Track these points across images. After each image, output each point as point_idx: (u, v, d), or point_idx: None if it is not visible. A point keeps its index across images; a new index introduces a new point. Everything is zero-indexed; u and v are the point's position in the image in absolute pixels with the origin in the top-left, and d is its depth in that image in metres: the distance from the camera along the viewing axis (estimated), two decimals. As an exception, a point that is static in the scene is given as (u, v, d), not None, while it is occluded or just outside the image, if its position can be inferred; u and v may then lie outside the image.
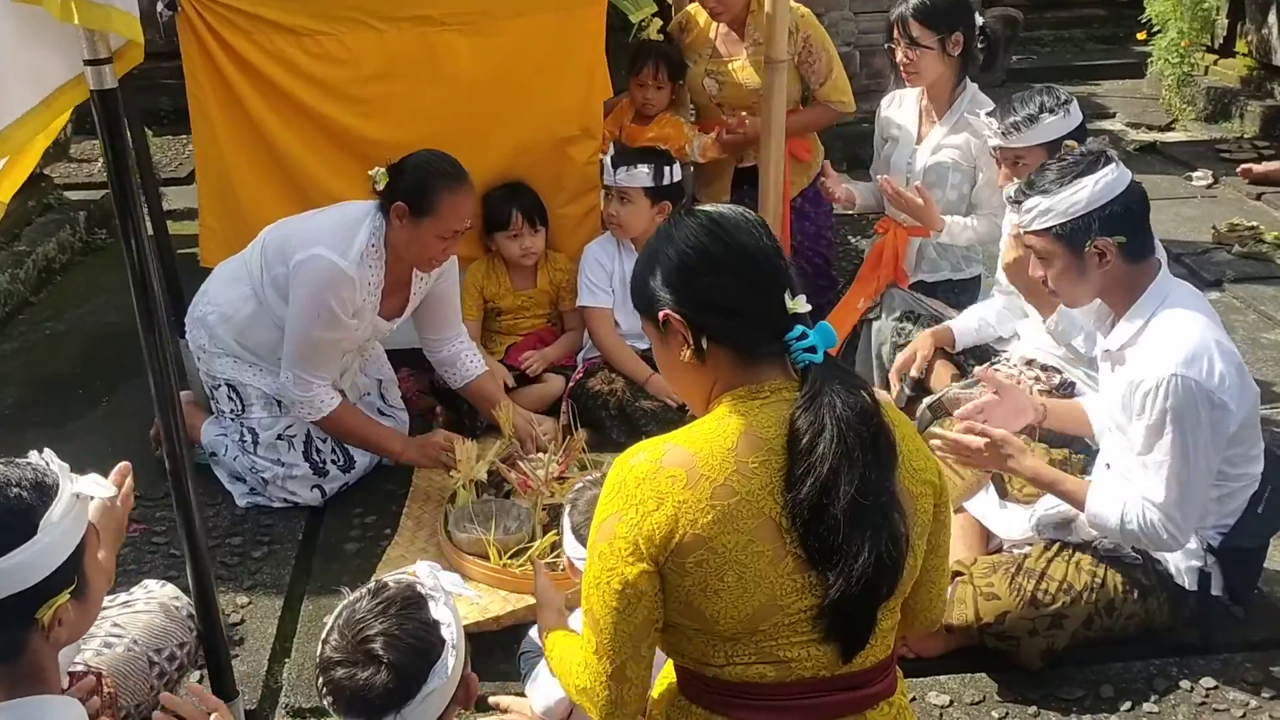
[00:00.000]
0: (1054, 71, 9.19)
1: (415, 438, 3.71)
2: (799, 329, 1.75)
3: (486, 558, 3.19)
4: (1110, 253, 2.65)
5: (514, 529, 3.26)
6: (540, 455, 3.48)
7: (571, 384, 4.05)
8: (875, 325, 4.09)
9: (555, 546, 3.19)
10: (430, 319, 3.78)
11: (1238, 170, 6.56)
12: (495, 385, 3.82)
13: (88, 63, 2.01)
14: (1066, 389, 3.49)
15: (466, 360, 3.80)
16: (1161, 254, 3.37)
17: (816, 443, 1.69)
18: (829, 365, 1.76)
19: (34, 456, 1.79)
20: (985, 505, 3.13)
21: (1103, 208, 2.64)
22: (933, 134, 4.16)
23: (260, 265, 3.53)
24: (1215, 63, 7.98)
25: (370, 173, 3.46)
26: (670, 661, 1.94)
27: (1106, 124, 7.92)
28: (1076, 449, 3.24)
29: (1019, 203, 2.77)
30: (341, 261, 3.35)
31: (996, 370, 3.57)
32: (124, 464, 2.26)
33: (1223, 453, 2.64)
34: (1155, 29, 7.77)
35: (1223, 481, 2.72)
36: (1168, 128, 7.70)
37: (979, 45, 4.11)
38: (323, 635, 1.97)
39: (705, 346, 1.80)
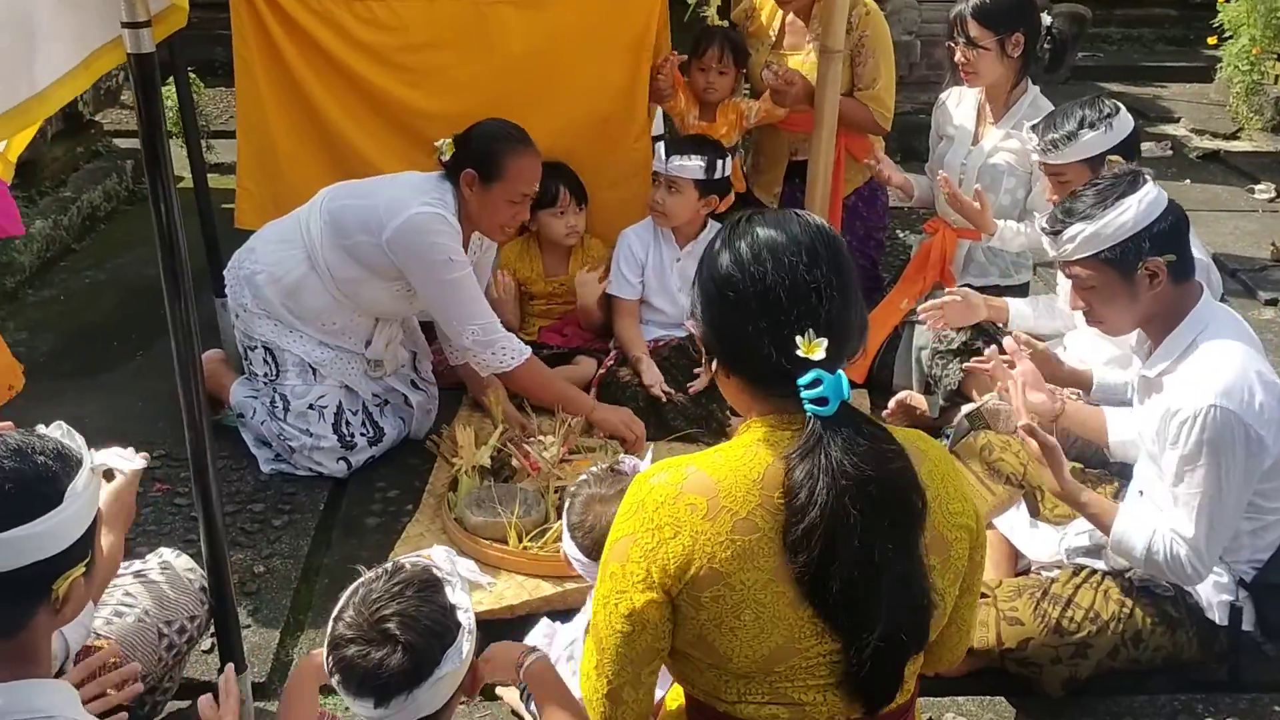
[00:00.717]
0: (1120, 71, 9.01)
1: (606, 407, 3.72)
2: (812, 374, 1.63)
3: (503, 541, 3.15)
4: (1162, 273, 2.56)
5: (522, 513, 3.23)
6: (542, 438, 3.44)
7: (602, 371, 4.00)
8: (917, 328, 4.01)
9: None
10: None
11: (1302, 185, 6.39)
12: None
13: (126, 25, 1.97)
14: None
15: None
16: (1214, 274, 3.29)
17: (809, 502, 1.60)
18: (839, 417, 1.63)
19: (50, 429, 1.76)
20: (1015, 523, 3.06)
21: (1151, 226, 2.55)
22: (989, 135, 4.06)
23: (319, 231, 3.50)
24: (1287, 72, 7.77)
25: (436, 144, 3.48)
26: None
27: (1170, 128, 7.75)
28: (1113, 472, 3.15)
29: (1056, 233, 2.67)
30: (445, 212, 3.40)
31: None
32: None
33: (1254, 486, 2.55)
34: (1227, 34, 7.57)
35: (1258, 515, 2.64)
36: (1233, 136, 7.52)
37: (1045, 46, 3.99)
38: (335, 613, 1.97)
39: (728, 373, 1.76)
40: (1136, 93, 8.54)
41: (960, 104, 4.19)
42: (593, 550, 2.44)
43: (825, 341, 1.63)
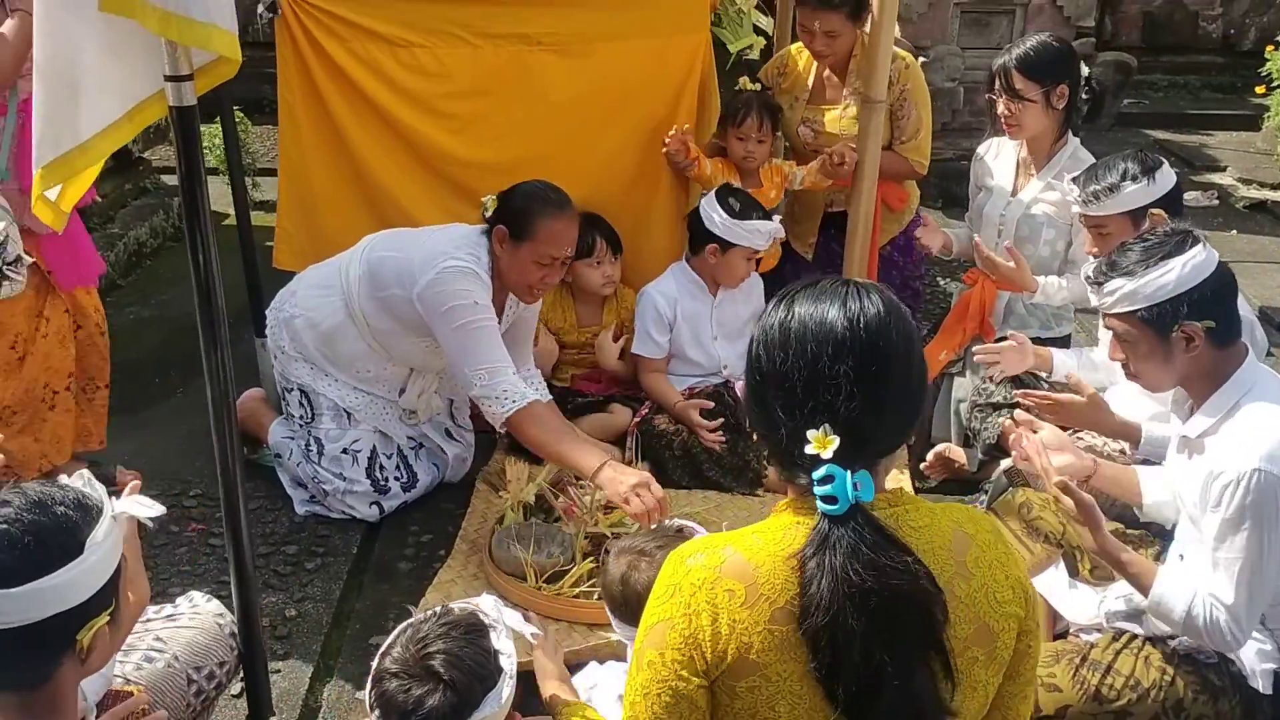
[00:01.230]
0: (1165, 118, 8.97)
1: (620, 466, 3.22)
2: (824, 470, 1.56)
3: (522, 577, 3.16)
4: (1198, 338, 2.52)
5: (557, 554, 3.22)
6: (588, 482, 3.42)
7: (638, 419, 3.98)
8: (956, 380, 3.98)
9: (593, 574, 3.15)
10: (507, 345, 3.73)
11: (1352, 238, 6.30)
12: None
13: (169, 79, 2.00)
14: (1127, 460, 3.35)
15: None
16: (1258, 332, 3.24)
17: (814, 603, 1.56)
18: (849, 519, 1.56)
19: (72, 479, 1.77)
20: (1053, 583, 3.00)
21: (1191, 291, 2.51)
22: (1029, 187, 4.03)
23: (358, 279, 3.52)
24: (1336, 122, 7.69)
25: (483, 200, 3.51)
26: None
27: (1217, 177, 7.68)
28: (1153, 532, 3.10)
29: (1099, 284, 2.64)
30: (477, 267, 3.40)
31: (1080, 438, 3.44)
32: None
33: None
34: (1275, 83, 7.51)
35: (1292, 587, 2.58)
36: (1280, 186, 7.44)
37: (1084, 96, 3.96)
38: (382, 648, 2.04)
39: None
40: (1182, 140, 8.48)
41: (999, 155, 4.17)
42: (618, 604, 2.42)
43: (838, 440, 1.57)
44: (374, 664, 1.99)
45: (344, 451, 3.58)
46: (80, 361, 3.54)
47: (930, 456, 3.86)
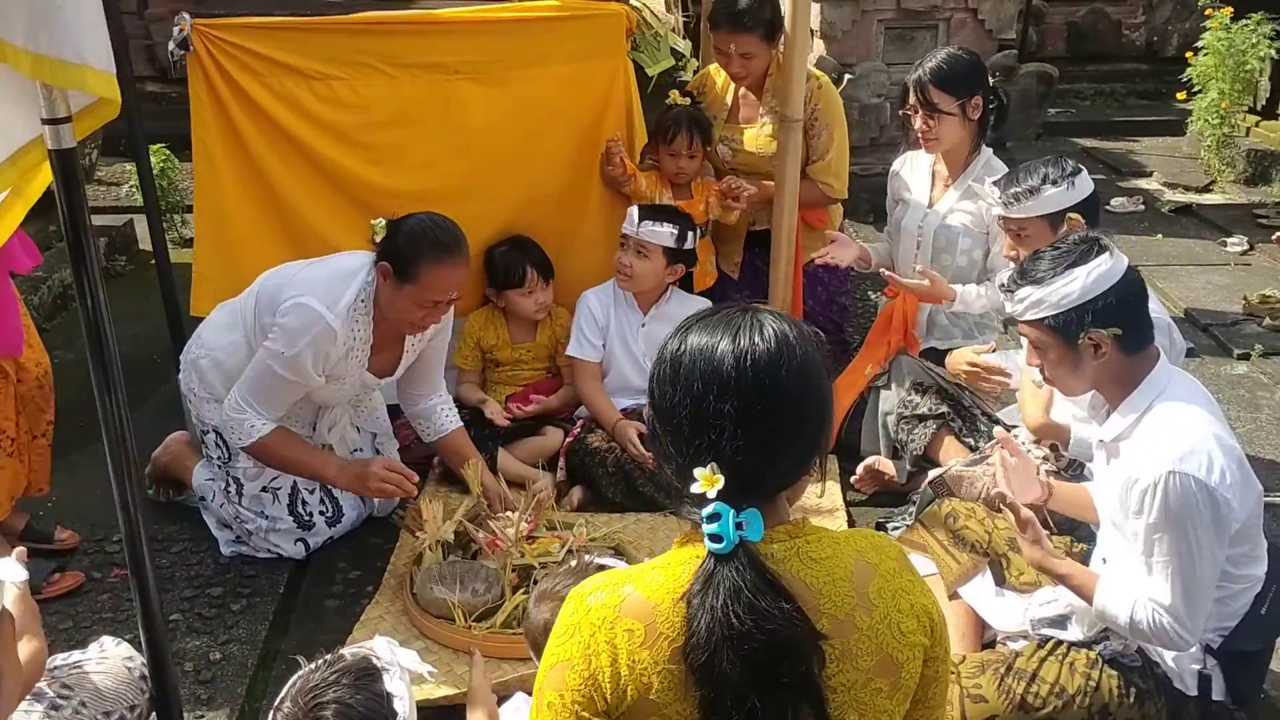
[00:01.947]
0: (1093, 126, 9.10)
1: (353, 463, 3.52)
2: (712, 508, 1.54)
3: (453, 620, 3.11)
4: (1105, 345, 2.55)
5: (482, 591, 3.18)
6: (509, 514, 3.40)
7: (570, 440, 3.97)
8: (883, 393, 4.00)
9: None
10: (414, 374, 3.71)
11: (1273, 238, 6.40)
12: (466, 441, 3.75)
13: (46, 122, 1.97)
14: (1075, 470, 3.37)
15: (441, 415, 3.73)
16: (1175, 334, 3.27)
17: (694, 642, 1.54)
18: (734, 559, 1.54)
19: None
20: (980, 592, 3.01)
21: (1096, 300, 2.53)
22: (945, 198, 4.07)
23: (253, 313, 3.48)
24: (1257, 124, 7.84)
25: (372, 223, 3.39)
26: None
27: (1143, 183, 7.80)
28: (1080, 536, 3.12)
29: (1011, 292, 2.67)
30: (328, 314, 3.28)
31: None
32: (20, 549, 2.22)
33: (1226, 549, 2.52)
34: (1196, 88, 7.64)
35: (1225, 583, 2.59)
36: (1205, 189, 7.57)
37: (991, 105, 4.01)
38: (275, 702, 1.99)
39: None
40: (1109, 147, 8.61)
41: (914, 169, 4.21)
42: (542, 650, 2.39)
43: (723, 479, 1.55)
44: (271, 718, 1.95)
45: (264, 490, 3.53)
46: (20, 414, 3.49)
47: (860, 470, 3.88)
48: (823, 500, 3.86)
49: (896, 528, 3.62)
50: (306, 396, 3.52)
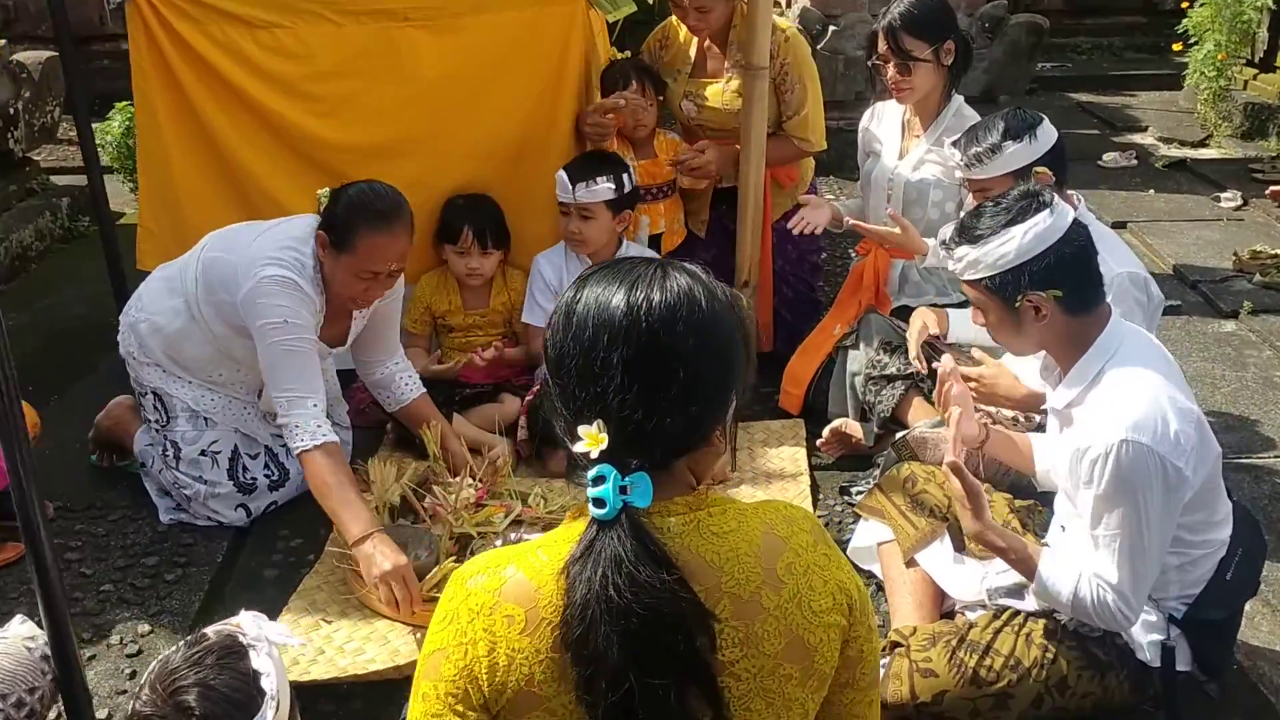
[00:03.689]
0: (1088, 81, 8.91)
1: (388, 543, 2.93)
2: (597, 470, 1.42)
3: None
4: (1046, 307, 2.40)
5: (424, 556, 3.05)
6: (458, 479, 3.26)
7: (529, 398, 3.83)
8: (850, 353, 3.85)
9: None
10: (366, 341, 3.56)
11: (1267, 192, 6.23)
12: (430, 407, 3.60)
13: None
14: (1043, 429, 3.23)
15: (402, 383, 3.58)
16: (1153, 289, 3.12)
17: (572, 616, 1.41)
18: (617, 526, 1.41)
19: None
20: (939, 559, 2.88)
21: (1034, 260, 2.38)
22: (915, 149, 3.90)
23: (195, 281, 3.32)
24: (1255, 77, 7.63)
25: (318, 193, 3.25)
26: None
27: (1138, 137, 7.62)
28: (1046, 500, 2.98)
29: (950, 250, 2.52)
30: (298, 278, 3.15)
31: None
32: None
33: (1178, 521, 2.38)
34: (1192, 40, 7.44)
35: (1183, 550, 2.46)
36: (1201, 144, 7.38)
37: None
38: (134, 689, 1.84)
39: None
40: (1104, 102, 8.41)
41: (883, 121, 4.04)
42: None
43: (608, 437, 1.43)
44: (129, 707, 1.84)
45: (202, 454, 3.39)
46: None
47: (826, 433, 3.73)
48: (786, 464, 3.73)
49: (860, 492, 3.49)
50: (246, 365, 3.39)
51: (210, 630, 1.90)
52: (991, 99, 7.33)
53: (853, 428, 3.74)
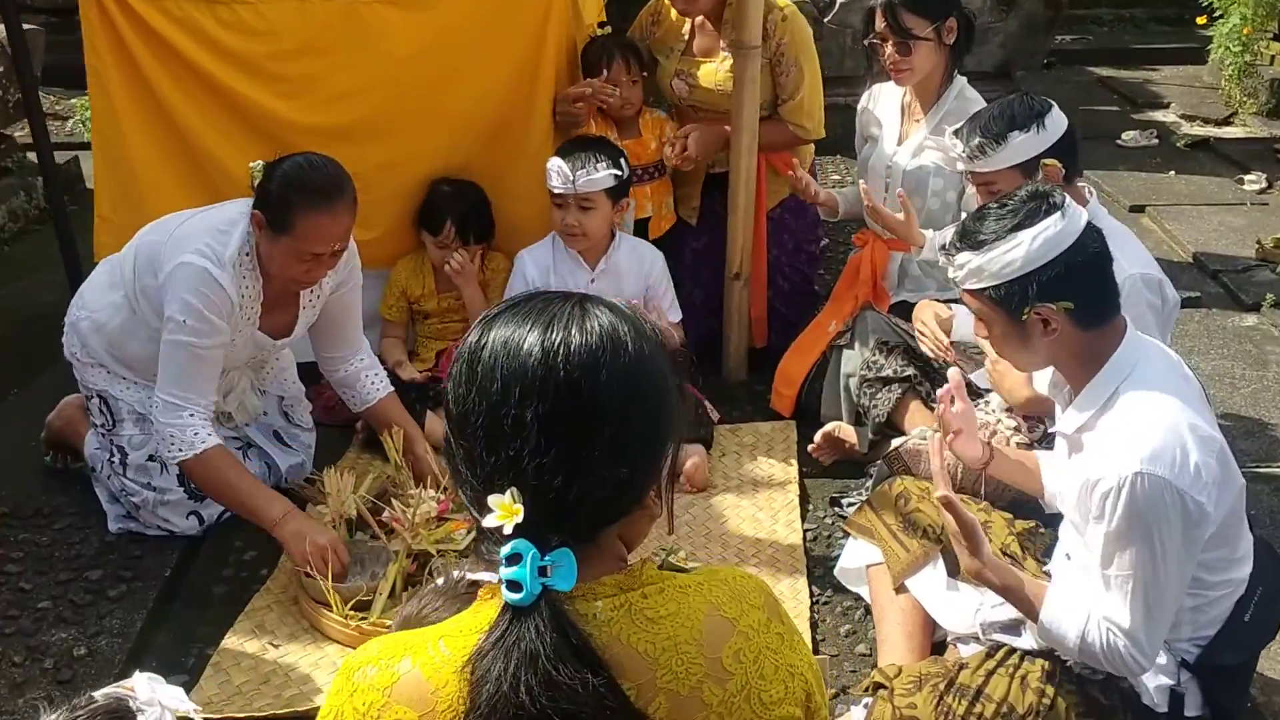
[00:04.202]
0: (1109, 54, 8.61)
1: (304, 518, 2.98)
2: (512, 546, 1.21)
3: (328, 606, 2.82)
4: (1055, 320, 2.16)
5: (381, 574, 2.86)
6: (420, 491, 3.04)
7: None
8: (845, 353, 3.62)
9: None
10: (325, 335, 3.35)
11: (1294, 175, 5.95)
12: (399, 409, 3.39)
13: None
14: (1049, 444, 3.00)
15: (367, 382, 3.37)
16: (1168, 290, 2.88)
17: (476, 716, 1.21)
18: (535, 613, 1.20)
19: None
20: (931, 586, 2.66)
21: (1043, 269, 2.14)
22: (915, 134, 3.65)
23: (132, 270, 3.13)
24: (1282, 52, 7.32)
25: (250, 166, 3.01)
26: None
27: (1159, 115, 7.32)
28: (1046, 523, 2.75)
29: (950, 256, 2.28)
30: (214, 268, 2.93)
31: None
32: None
33: (1198, 558, 2.16)
34: (1217, 13, 7.13)
35: (1201, 590, 2.24)
36: (1225, 121, 7.08)
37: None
38: None
39: None
40: (1125, 77, 8.11)
41: (881, 103, 3.79)
42: None
43: (524, 508, 1.22)
44: None
45: (150, 459, 3.18)
46: None
47: (818, 438, 3.51)
48: (775, 471, 3.51)
49: (852, 504, 3.27)
50: None
51: (99, 694, 1.70)
52: (1006, 75, 7.05)
53: (846, 432, 3.52)
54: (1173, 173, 6.20)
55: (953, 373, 2.65)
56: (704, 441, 3.56)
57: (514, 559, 1.21)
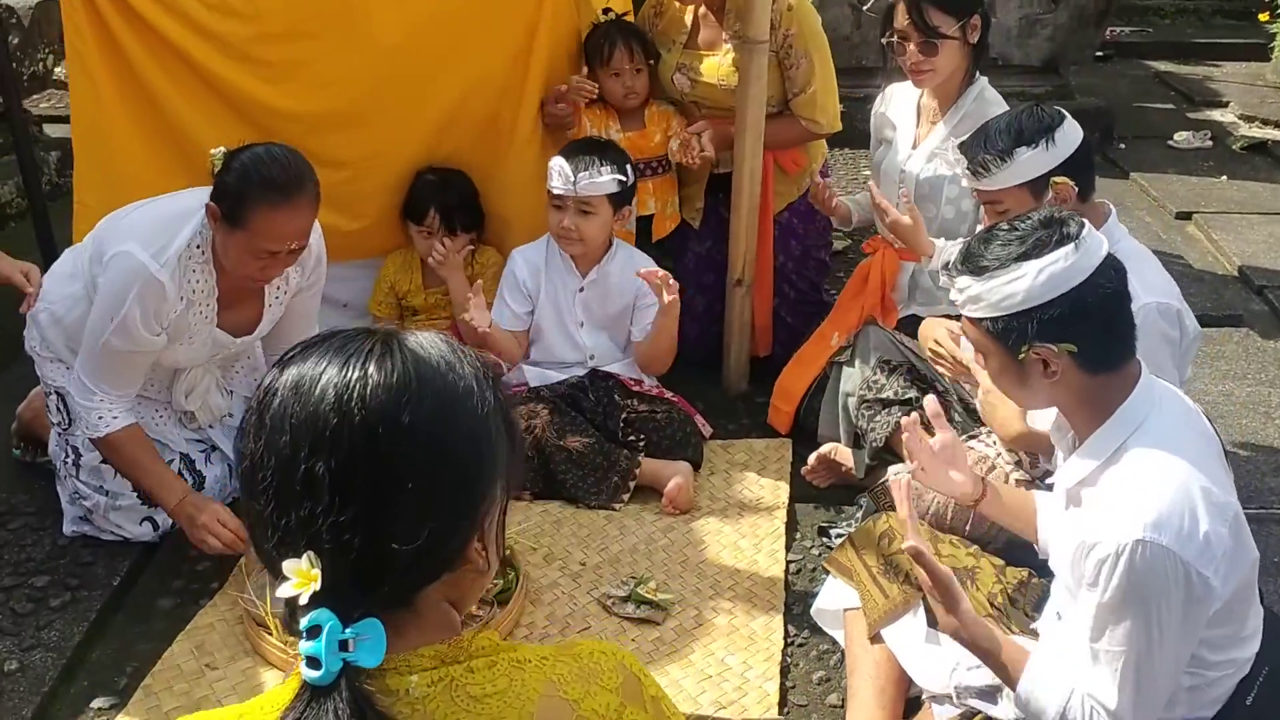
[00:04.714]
0: (1168, 47, 8.24)
1: (199, 499, 2.97)
2: (311, 618, 1.05)
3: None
4: (1056, 363, 1.94)
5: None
6: None
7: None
8: (845, 370, 3.40)
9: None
10: (280, 332, 3.20)
11: (1355, 184, 5.61)
12: None
13: None
14: (1049, 483, 2.77)
15: None
16: (1188, 321, 2.64)
17: None
18: (331, 695, 1.05)
19: None
20: (908, 638, 2.44)
21: (1045, 306, 1.93)
22: (930, 137, 3.41)
23: (88, 260, 2.99)
24: (1351, 51, 6.94)
25: (210, 153, 2.85)
26: None
27: (1216, 114, 6.98)
28: (1041, 572, 2.53)
29: (951, 278, 2.07)
30: (152, 265, 2.78)
31: (971, 448, 2.89)
32: None
33: (1199, 636, 1.94)
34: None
35: (1199, 670, 2.01)
36: (1287, 123, 6.72)
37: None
38: None
39: None
40: (1184, 73, 7.75)
41: (896, 104, 3.55)
42: None
43: (321, 573, 1.07)
44: None
45: (105, 461, 3.04)
46: None
47: (812, 460, 3.30)
48: (764, 493, 3.31)
49: (840, 535, 3.07)
50: (157, 360, 3.04)
51: None
52: (1054, 69, 6.77)
53: (843, 455, 3.31)
54: (1224, 178, 5.88)
55: (929, 400, 2.44)
56: (692, 461, 3.37)
57: (312, 632, 1.05)
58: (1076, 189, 2.65)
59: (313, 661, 1.05)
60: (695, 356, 3.88)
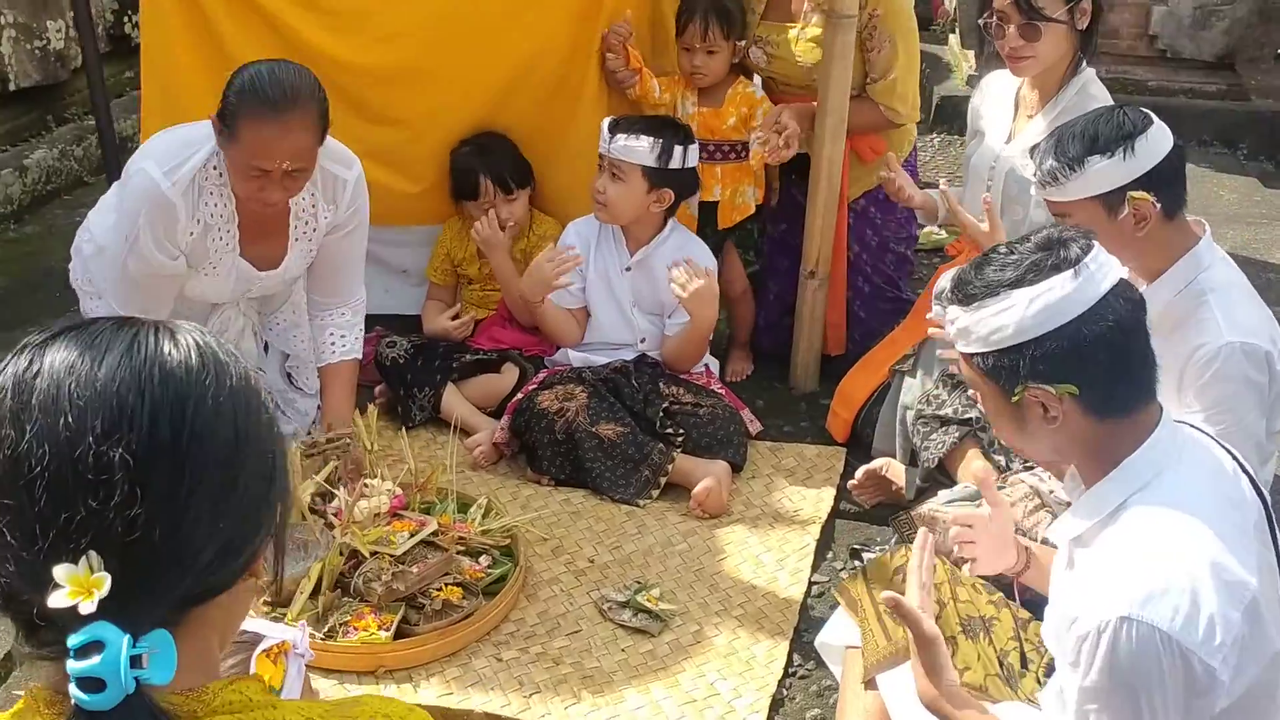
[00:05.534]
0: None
1: None
2: (86, 633, 0.89)
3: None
4: (1055, 407, 1.67)
5: (316, 569, 2.59)
6: (377, 483, 2.74)
7: (520, 396, 3.27)
8: (906, 381, 3.13)
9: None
10: (316, 275, 3.08)
11: None
12: (342, 384, 3.06)
13: None
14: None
15: (330, 339, 3.06)
16: (1257, 369, 2.31)
17: None
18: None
19: None
20: (903, 689, 2.17)
21: (1039, 341, 1.65)
22: (1026, 131, 3.07)
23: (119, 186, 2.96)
24: None
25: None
26: None
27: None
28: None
29: (942, 307, 1.81)
30: (164, 182, 2.70)
31: (1021, 480, 2.61)
32: None
33: None
34: None
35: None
36: None
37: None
38: None
39: None
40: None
41: (993, 94, 3.22)
42: None
43: (109, 579, 0.90)
44: None
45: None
46: None
47: (859, 474, 3.03)
48: (805, 505, 3.07)
49: (873, 559, 2.81)
50: (190, 291, 2.97)
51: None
52: (1229, 66, 6.20)
53: (894, 472, 3.04)
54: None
55: (978, 468, 2.18)
56: (733, 462, 3.14)
57: (89, 650, 0.89)
58: (1159, 206, 2.32)
59: (88, 684, 0.89)
60: (762, 346, 3.66)
